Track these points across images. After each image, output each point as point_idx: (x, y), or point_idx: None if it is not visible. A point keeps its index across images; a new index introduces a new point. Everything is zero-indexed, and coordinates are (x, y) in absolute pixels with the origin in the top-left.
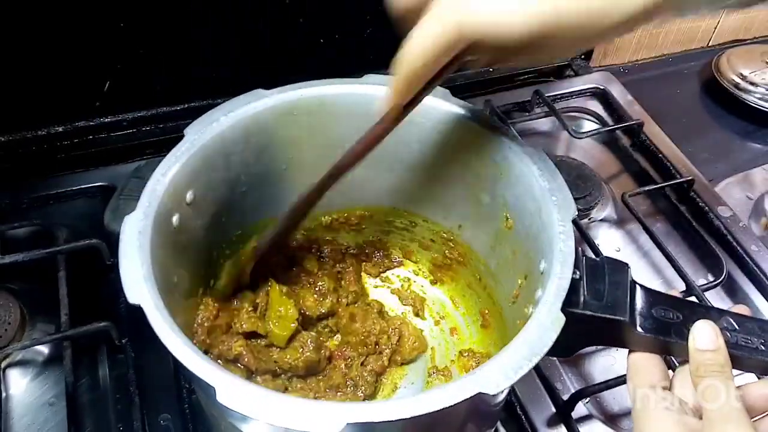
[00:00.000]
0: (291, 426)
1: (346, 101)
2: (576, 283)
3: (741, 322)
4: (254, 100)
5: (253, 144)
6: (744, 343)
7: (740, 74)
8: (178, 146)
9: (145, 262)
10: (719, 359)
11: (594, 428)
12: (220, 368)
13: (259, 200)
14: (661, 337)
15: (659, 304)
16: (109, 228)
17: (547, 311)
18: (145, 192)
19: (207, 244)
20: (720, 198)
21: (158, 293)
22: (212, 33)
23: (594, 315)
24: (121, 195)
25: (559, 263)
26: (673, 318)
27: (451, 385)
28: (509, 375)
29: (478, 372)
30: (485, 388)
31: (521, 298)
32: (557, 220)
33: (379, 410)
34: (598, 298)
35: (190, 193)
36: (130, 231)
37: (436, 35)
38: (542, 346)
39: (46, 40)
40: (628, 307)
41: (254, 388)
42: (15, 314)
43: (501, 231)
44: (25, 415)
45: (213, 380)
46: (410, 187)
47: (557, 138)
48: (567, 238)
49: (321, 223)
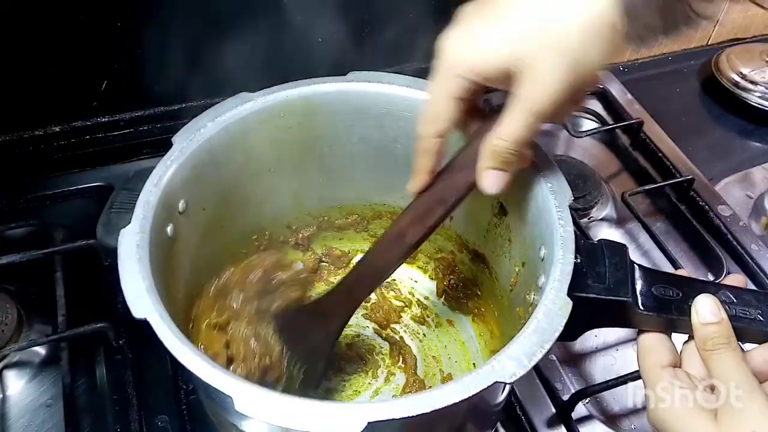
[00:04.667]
0: (313, 430)
1: (332, 100)
2: (578, 267)
3: (738, 295)
4: (240, 103)
5: (241, 148)
6: (743, 315)
7: (740, 73)
8: (168, 155)
9: (146, 275)
10: (723, 331)
11: (594, 429)
12: (234, 377)
13: (249, 204)
14: (663, 314)
15: (658, 282)
16: (102, 242)
17: (554, 297)
18: (139, 203)
19: (202, 253)
20: (720, 197)
21: (162, 306)
22: (209, 32)
23: (598, 297)
24: (111, 208)
25: (561, 248)
26: (673, 295)
27: (467, 377)
28: (523, 362)
29: (493, 362)
30: (501, 377)
31: (519, 285)
32: (555, 206)
33: (399, 407)
34: (600, 280)
35: (182, 202)
36: (128, 245)
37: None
38: (553, 331)
39: (43, 40)
40: (630, 287)
41: (272, 394)
42: (12, 315)
43: (494, 220)
44: (22, 416)
45: (230, 390)
46: (398, 182)
47: (556, 137)
48: (566, 223)
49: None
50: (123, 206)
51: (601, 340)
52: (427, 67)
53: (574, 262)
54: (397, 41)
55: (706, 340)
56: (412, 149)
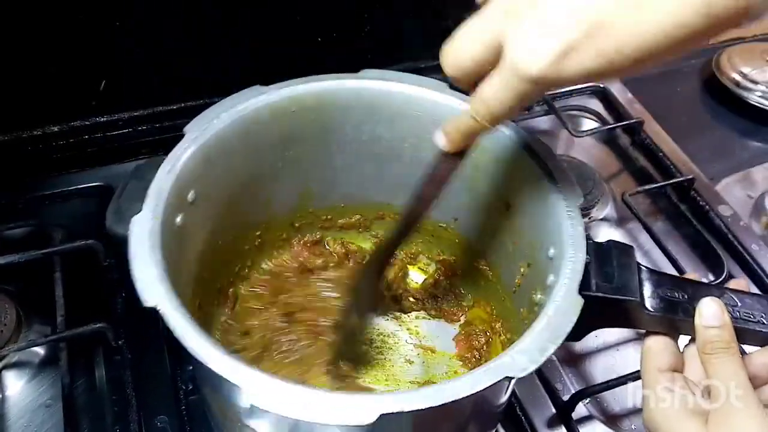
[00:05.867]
0: (326, 421)
1: (344, 96)
2: (586, 267)
3: (742, 298)
4: (253, 96)
5: (252, 141)
6: (746, 318)
7: (741, 72)
8: (180, 144)
9: (158, 263)
10: (725, 336)
11: (594, 429)
12: (247, 367)
13: (255, 198)
14: (669, 315)
15: (665, 284)
16: (111, 231)
17: (565, 295)
18: (151, 191)
19: (207, 245)
20: (720, 197)
21: (174, 294)
22: (208, 31)
23: (606, 297)
24: (121, 196)
25: (571, 247)
26: (679, 297)
27: (478, 371)
28: (535, 357)
29: (503, 357)
30: (512, 371)
31: (524, 285)
32: (564, 206)
33: (411, 399)
34: (608, 280)
35: (192, 192)
36: (139, 232)
37: (514, 89)
38: (564, 328)
39: (42, 39)
40: (637, 288)
41: (284, 385)
42: (11, 315)
43: (500, 221)
44: (21, 417)
45: (241, 381)
46: (404, 183)
47: (557, 137)
48: (577, 223)
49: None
50: (133, 195)
51: (601, 340)
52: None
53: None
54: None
55: (707, 343)
56: (420, 150)
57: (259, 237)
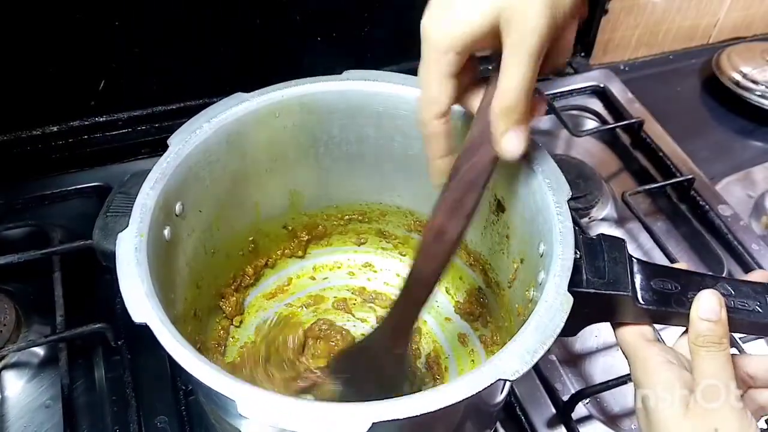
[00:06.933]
0: (317, 431)
1: (328, 99)
2: (577, 263)
3: (736, 287)
4: (235, 104)
5: (237, 149)
6: (741, 307)
7: (741, 72)
8: (164, 157)
9: (145, 279)
10: (718, 331)
11: (594, 429)
12: (237, 380)
13: (245, 205)
14: (662, 308)
15: (657, 276)
16: (99, 247)
17: (554, 292)
18: (136, 206)
19: (200, 255)
20: (720, 197)
21: (162, 309)
22: (207, 32)
23: (597, 292)
24: (107, 212)
25: (560, 244)
26: (671, 288)
27: (470, 376)
28: (526, 359)
29: (495, 360)
30: (504, 374)
31: (518, 281)
32: (553, 202)
33: (403, 407)
34: (599, 275)
35: (179, 205)
36: (125, 248)
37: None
38: (554, 327)
39: (41, 39)
40: (629, 281)
41: (276, 397)
42: (10, 316)
43: (491, 217)
44: (21, 417)
45: (234, 393)
46: (395, 181)
47: (557, 136)
48: (565, 219)
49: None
50: (119, 210)
51: (601, 340)
52: None
53: (574, 258)
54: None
55: (699, 335)
56: (409, 148)
57: (252, 242)
